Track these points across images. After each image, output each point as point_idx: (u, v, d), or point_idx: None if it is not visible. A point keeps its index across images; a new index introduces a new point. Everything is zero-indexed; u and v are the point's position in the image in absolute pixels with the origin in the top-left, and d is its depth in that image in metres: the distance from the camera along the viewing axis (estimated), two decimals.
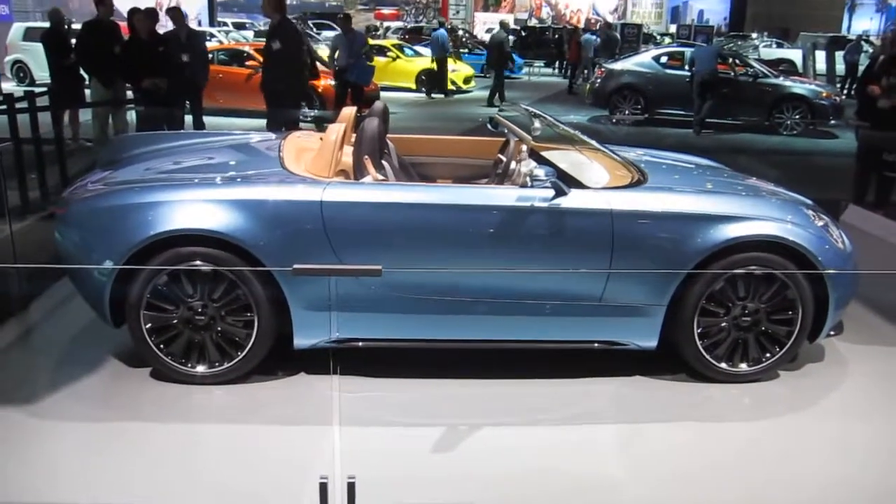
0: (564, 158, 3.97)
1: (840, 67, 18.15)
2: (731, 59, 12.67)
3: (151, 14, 7.57)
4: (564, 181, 3.48)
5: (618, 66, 13.13)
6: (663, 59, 13.16)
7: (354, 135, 4.08)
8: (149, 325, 3.38)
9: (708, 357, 3.60)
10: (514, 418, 3.35)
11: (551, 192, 3.44)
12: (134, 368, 3.60)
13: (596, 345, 3.58)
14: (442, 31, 17.21)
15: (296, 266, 2.32)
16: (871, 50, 22.12)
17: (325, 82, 12.39)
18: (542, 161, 3.55)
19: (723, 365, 3.62)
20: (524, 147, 3.95)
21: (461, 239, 3.41)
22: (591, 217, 3.44)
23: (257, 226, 3.30)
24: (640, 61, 13.23)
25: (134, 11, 7.59)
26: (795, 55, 23.13)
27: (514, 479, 2.90)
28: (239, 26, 26.17)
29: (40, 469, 2.87)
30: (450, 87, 17.42)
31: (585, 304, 3.49)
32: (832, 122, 12.05)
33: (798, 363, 3.85)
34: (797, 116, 12.04)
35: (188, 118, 8.06)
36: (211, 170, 3.69)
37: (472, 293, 3.45)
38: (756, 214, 3.57)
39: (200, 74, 8.24)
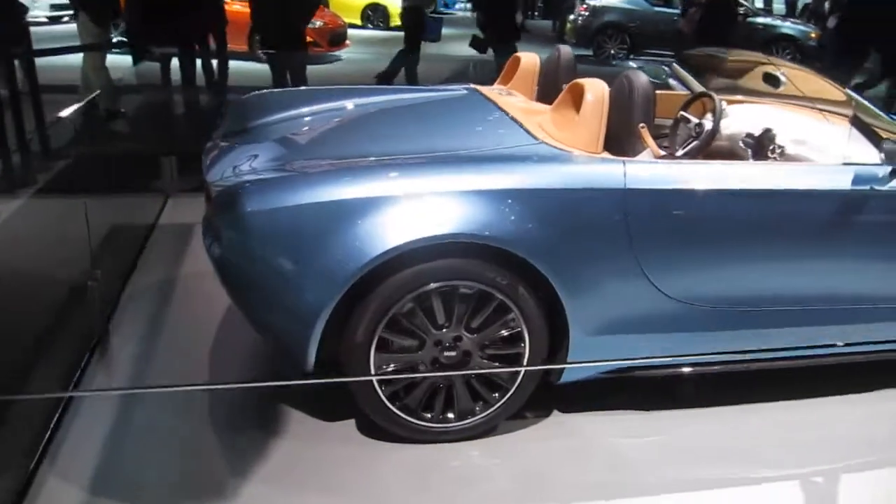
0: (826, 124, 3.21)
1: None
2: None
3: None
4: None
5: (602, 2, 12.34)
6: None
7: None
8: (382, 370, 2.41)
9: None
10: (849, 458, 2.63)
11: (887, 170, 2.69)
12: (330, 423, 2.62)
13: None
14: None
15: None
16: None
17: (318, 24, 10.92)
18: (863, 129, 2.78)
19: None
20: (724, 105, 3.18)
21: (806, 233, 2.62)
22: None
23: (538, 225, 2.36)
24: None
25: None
26: None
27: None
28: None
29: None
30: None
31: None
32: (819, 65, 11.86)
33: None
34: (787, 58, 11.75)
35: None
36: (434, 144, 2.61)
37: (788, 300, 2.68)
38: None
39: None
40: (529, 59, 3.38)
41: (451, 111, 3.05)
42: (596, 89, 2.62)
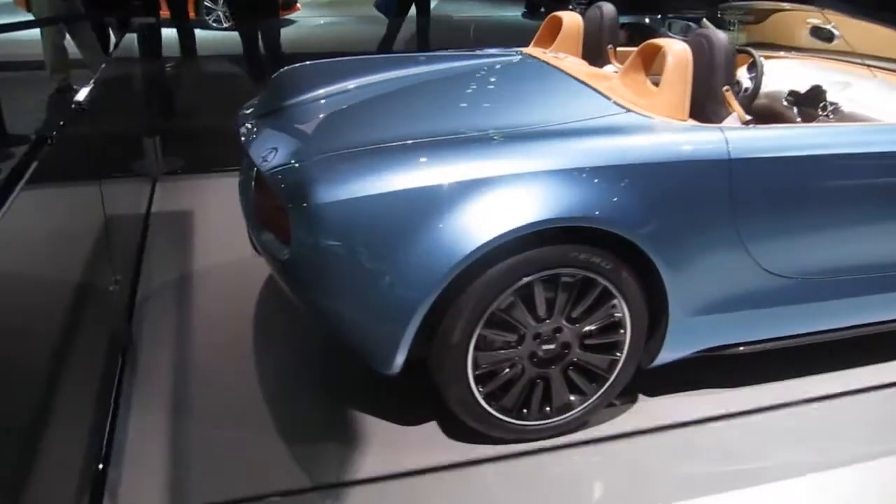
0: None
1: None
2: None
3: None
4: None
5: None
6: None
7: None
8: (479, 371, 2.19)
9: None
10: None
11: None
12: (409, 428, 2.40)
13: None
14: None
15: None
16: None
17: None
18: None
19: None
20: (763, 61, 3.05)
21: None
22: None
23: (641, 202, 2.16)
24: None
25: None
26: None
27: None
28: None
29: None
30: None
31: None
32: None
33: None
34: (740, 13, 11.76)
35: None
36: (514, 118, 2.33)
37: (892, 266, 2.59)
38: None
39: None
40: (572, 18, 3.13)
41: (516, 80, 2.77)
42: (677, 51, 2.41)
